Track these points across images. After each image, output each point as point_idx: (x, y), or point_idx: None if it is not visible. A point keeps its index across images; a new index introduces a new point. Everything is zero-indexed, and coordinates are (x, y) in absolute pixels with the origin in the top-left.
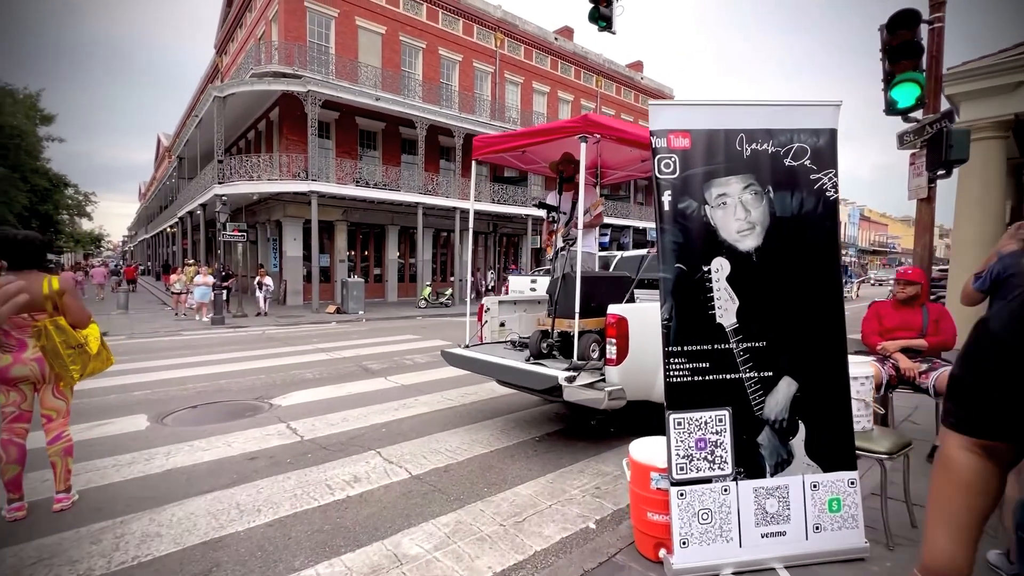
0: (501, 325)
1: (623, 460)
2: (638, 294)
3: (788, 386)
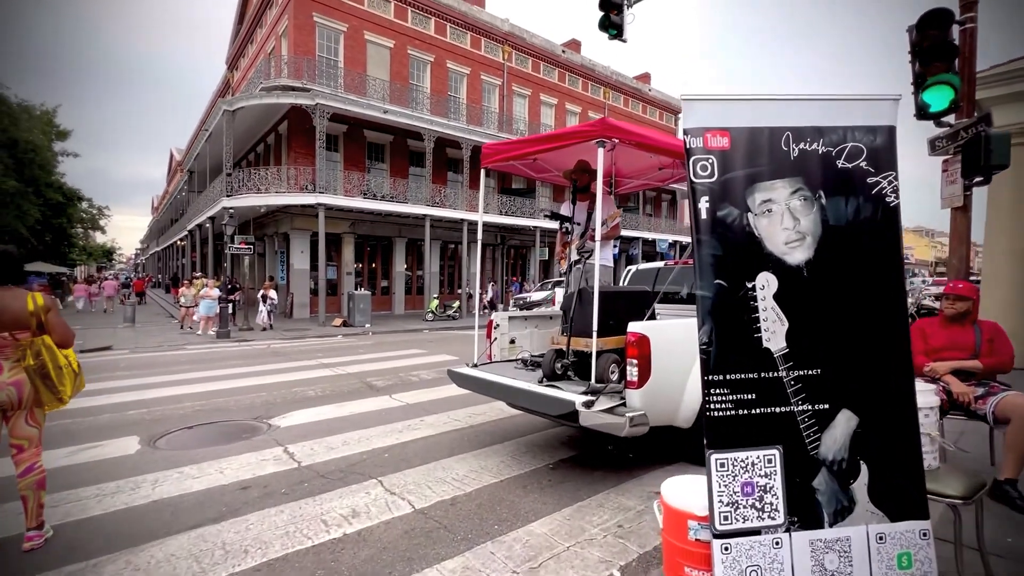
0: (511, 342)
1: (654, 503)
2: (659, 309)
3: (847, 421)
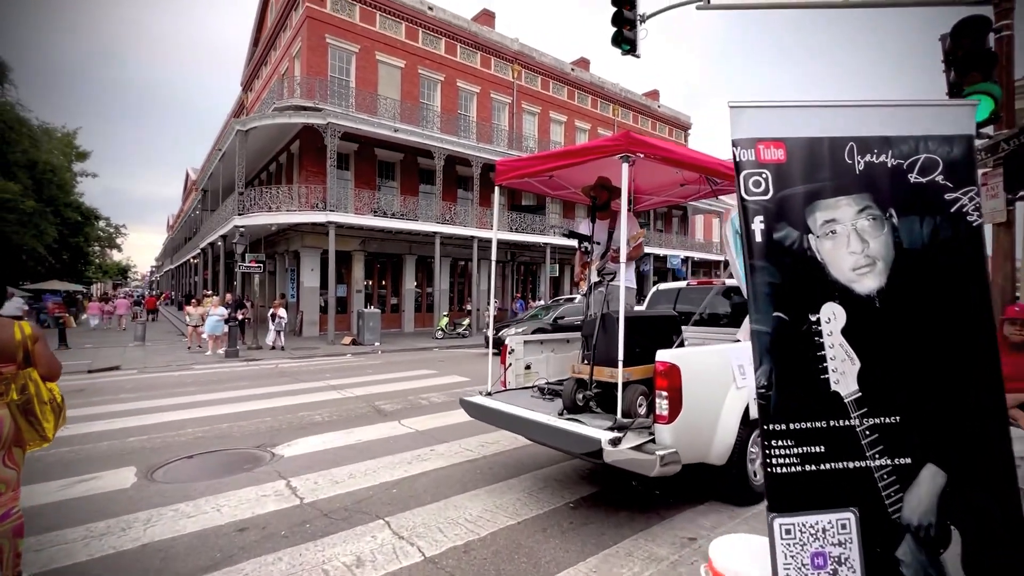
0: (527, 368)
1: (701, 567)
2: (686, 333)
3: (933, 477)
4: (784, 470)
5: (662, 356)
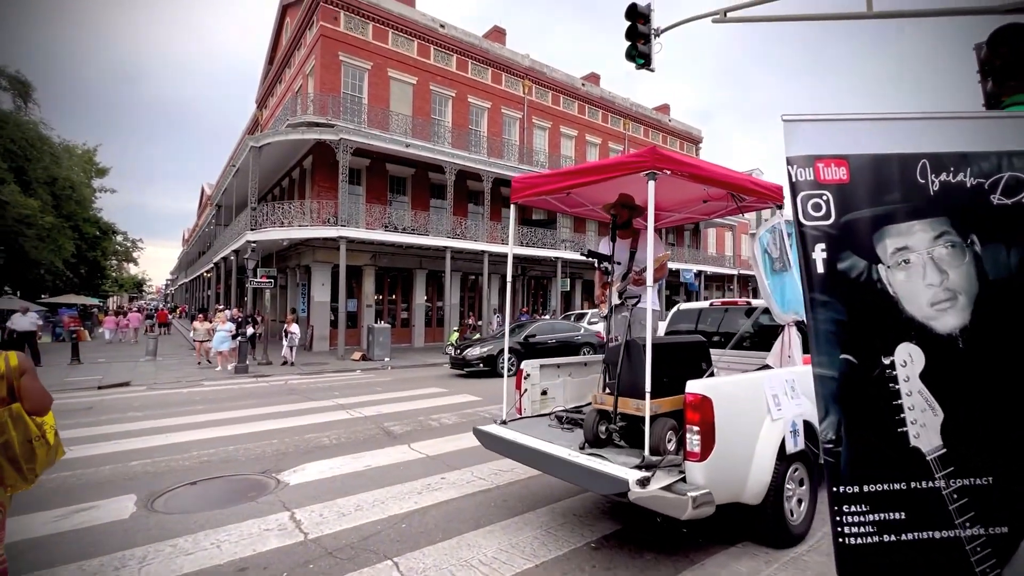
0: (543, 393)
1: None
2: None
3: None
4: (858, 540)
5: (692, 387)
